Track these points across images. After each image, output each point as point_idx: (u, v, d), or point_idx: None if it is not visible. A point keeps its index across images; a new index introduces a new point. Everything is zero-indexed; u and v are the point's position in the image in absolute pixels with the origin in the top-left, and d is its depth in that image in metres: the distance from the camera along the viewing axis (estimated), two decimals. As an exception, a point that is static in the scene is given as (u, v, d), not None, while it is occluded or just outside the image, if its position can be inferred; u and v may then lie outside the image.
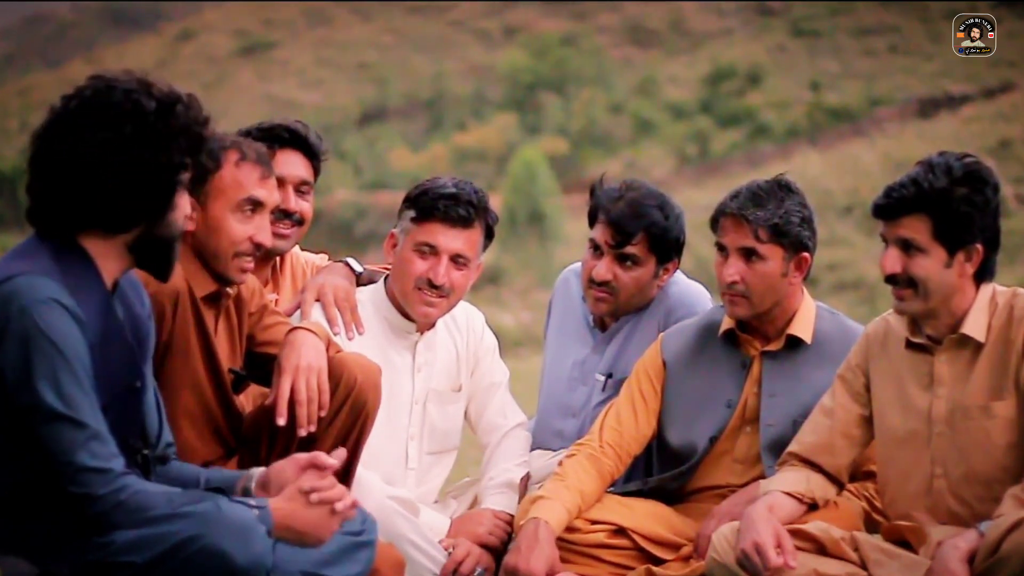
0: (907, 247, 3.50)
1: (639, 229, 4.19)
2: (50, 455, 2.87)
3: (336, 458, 3.12)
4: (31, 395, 2.86)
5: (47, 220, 3.01)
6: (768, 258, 3.90)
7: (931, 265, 3.49)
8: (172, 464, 3.23)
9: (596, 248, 4.26)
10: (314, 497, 3.00)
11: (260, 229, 3.62)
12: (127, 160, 2.94)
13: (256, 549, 2.87)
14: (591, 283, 4.26)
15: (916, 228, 3.48)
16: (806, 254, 3.96)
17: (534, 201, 41.58)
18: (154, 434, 3.16)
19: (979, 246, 3.49)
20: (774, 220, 3.88)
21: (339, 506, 3.02)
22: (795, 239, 3.91)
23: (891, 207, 3.51)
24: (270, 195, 3.65)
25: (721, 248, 3.96)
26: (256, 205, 3.61)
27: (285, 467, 3.17)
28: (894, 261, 3.52)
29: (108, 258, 3.02)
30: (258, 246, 3.63)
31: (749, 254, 3.91)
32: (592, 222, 4.29)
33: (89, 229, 2.99)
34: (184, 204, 3.07)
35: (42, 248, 2.98)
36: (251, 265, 3.65)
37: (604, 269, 4.23)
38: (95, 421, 2.89)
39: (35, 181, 3.02)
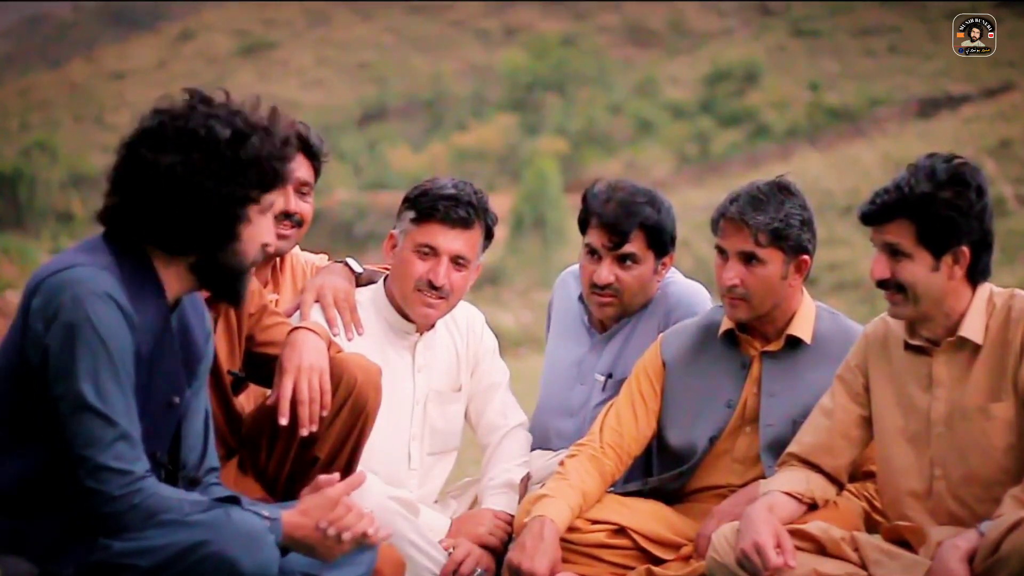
0: (893, 252, 3.51)
1: (634, 227, 4.19)
2: (73, 446, 2.87)
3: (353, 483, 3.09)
4: (69, 384, 2.86)
5: (115, 226, 3.00)
6: (768, 262, 3.90)
7: (917, 269, 3.49)
8: (214, 489, 3.20)
9: (593, 253, 4.26)
10: (331, 532, 3.00)
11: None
12: (190, 187, 2.93)
13: (263, 557, 2.87)
14: (593, 288, 4.26)
15: (900, 233, 3.49)
16: (806, 256, 3.96)
17: (544, 209, 41.62)
18: (194, 455, 3.16)
19: (965, 249, 3.49)
20: (774, 224, 3.88)
21: (371, 531, 3.02)
22: (795, 242, 3.91)
23: (875, 213, 3.52)
24: (276, 199, 3.66)
25: (721, 251, 3.96)
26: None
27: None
28: (882, 266, 3.53)
29: (171, 274, 3.02)
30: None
31: (749, 258, 3.91)
32: (584, 228, 4.29)
33: (151, 245, 2.99)
34: (257, 234, 3.04)
35: (108, 247, 2.98)
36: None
37: (606, 272, 4.23)
38: (127, 421, 2.89)
39: (111, 187, 3.00)
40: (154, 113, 2.99)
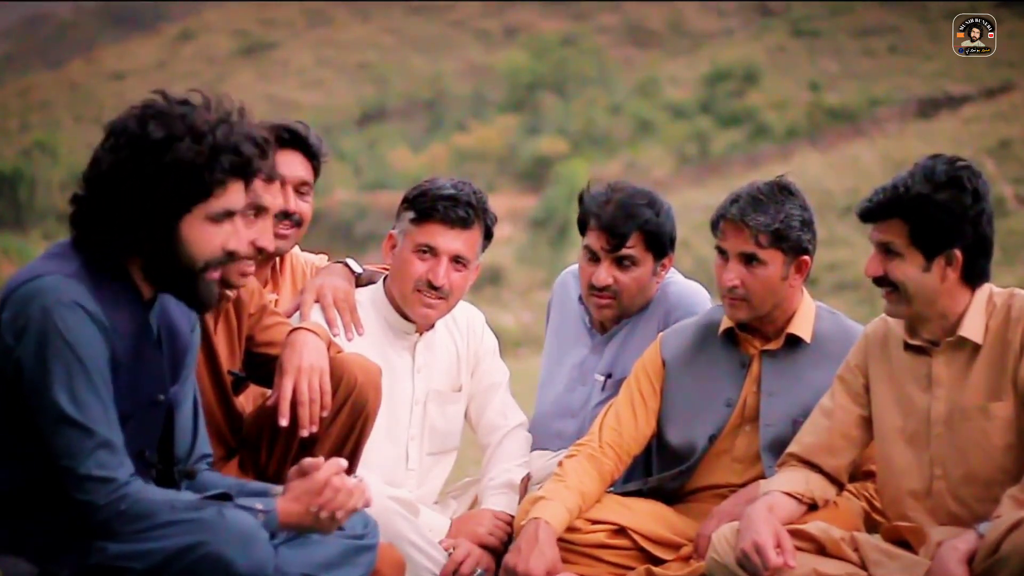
0: (887, 250, 3.52)
1: (632, 229, 4.19)
2: (56, 458, 2.87)
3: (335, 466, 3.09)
4: (44, 396, 2.85)
5: (77, 228, 2.98)
6: (768, 263, 3.90)
7: (909, 269, 3.50)
8: (204, 474, 3.21)
9: (592, 254, 4.25)
10: (323, 515, 3.00)
11: (262, 233, 3.63)
12: (121, 189, 2.90)
13: (258, 556, 2.86)
14: (592, 290, 4.26)
15: (894, 232, 3.50)
16: (806, 257, 3.96)
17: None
18: (184, 449, 3.15)
19: (958, 252, 3.48)
20: (775, 226, 3.87)
21: (360, 505, 3.04)
22: (795, 243, 3.91)
23: (870, 211, 3.53)
24: (273, 200, 3.66)
25: (721, 252, 3.96)
26: (259, 210, 3.62)
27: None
28: (875, 264, 3.54)
29: (138, 274, 3.00)
30: (260, 250, 3.63)
31: (749, 259, 3.91)
32: (583, 229, 4.29)
33: (111, 247, 2.95)
34: (208, 239, 2.96)
35: (75, 252, 2.95)
36: (252, 269, 3.65)
37: (604, 274, 4.23)
38: (106, 429, 2.88)
39: (77, 193, 2.99)
40: (117, 116, 2.97)
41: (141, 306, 3.00)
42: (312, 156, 4.29)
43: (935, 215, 3.45)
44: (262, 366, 3.77)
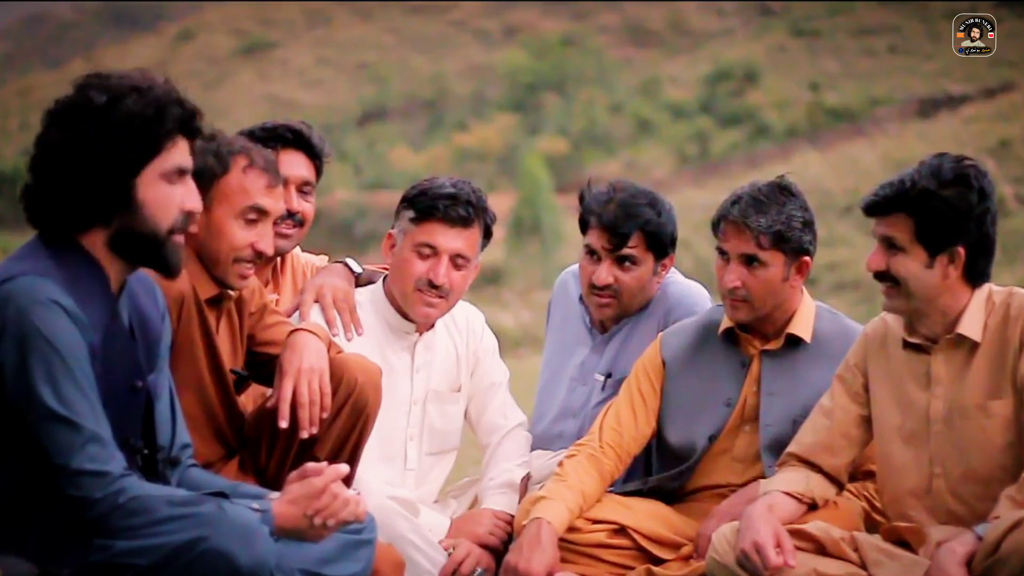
0: (890, 245, 3.53)
1: (634, 229, 4.19)
2: (47, 457, 2.87)
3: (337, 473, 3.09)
4: (29, 396, 2.86)
5: (39, 221, 3.01)
6: (770, 264, 3.91)
7: (911, 265, 3.50)
8: (192, 471, 3.21)
9: (593, 253, 4.26)
10: (317, 520, 3.00)
11: (262, 237, 3.62)
12: (78, 157, 2.93)
13: (260, 550, 2.86)
14: (592, 289, 4.26)
15: (898, 227, 3.50)
16: (807, 258, 3.96)
17: (539, 210, 41.58)
18: (166, 436, 3.15)
19: (961, 250, 3.49)
20: (776, 227, 3.88)
21: (357, 512, 3.02)
22: (796, 244, 3.92)
23: (876, 205, 3.54)
24: (275, 204, 3.65)
25: (722, 253, 3.96)
26: (260, 213, 3.62)
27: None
28: (878, 259, 3.55)
29: (109, 259, 3.01)
30: (259, 254, 3.63)
31: (750, 260, 3.91)
32: (584, 228, 4.29)
33: (73, 228, 2.97)
34: (167, 200, 2.99)
35: (44, 250, 2.97)
36: (251, 271, 3.65)
37: (604, 273, 4.23)
38: (94, 423, 2.88)
39: (26, 184, 3.03)
40: (52, 104, 3.00)
41: (112, 297, 3.01)
42: (315, 156, 4.30)
43: (941, 211, 3.46)
44: (263, 365, 3.77)
